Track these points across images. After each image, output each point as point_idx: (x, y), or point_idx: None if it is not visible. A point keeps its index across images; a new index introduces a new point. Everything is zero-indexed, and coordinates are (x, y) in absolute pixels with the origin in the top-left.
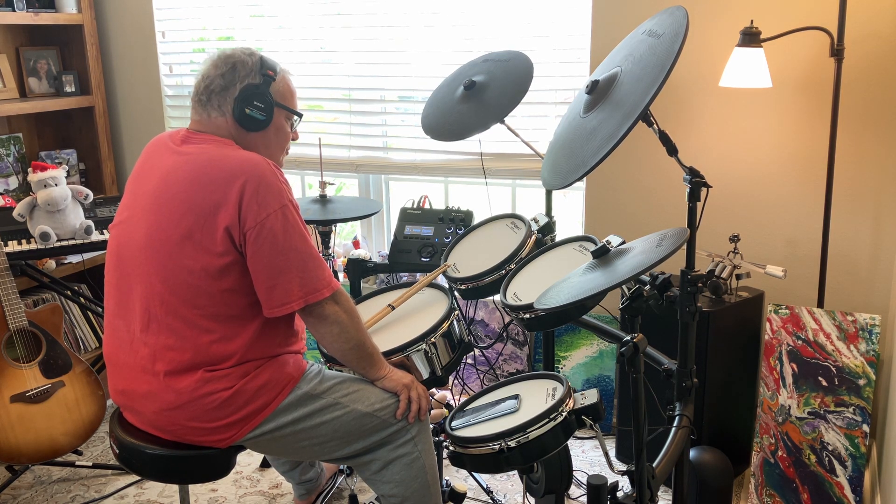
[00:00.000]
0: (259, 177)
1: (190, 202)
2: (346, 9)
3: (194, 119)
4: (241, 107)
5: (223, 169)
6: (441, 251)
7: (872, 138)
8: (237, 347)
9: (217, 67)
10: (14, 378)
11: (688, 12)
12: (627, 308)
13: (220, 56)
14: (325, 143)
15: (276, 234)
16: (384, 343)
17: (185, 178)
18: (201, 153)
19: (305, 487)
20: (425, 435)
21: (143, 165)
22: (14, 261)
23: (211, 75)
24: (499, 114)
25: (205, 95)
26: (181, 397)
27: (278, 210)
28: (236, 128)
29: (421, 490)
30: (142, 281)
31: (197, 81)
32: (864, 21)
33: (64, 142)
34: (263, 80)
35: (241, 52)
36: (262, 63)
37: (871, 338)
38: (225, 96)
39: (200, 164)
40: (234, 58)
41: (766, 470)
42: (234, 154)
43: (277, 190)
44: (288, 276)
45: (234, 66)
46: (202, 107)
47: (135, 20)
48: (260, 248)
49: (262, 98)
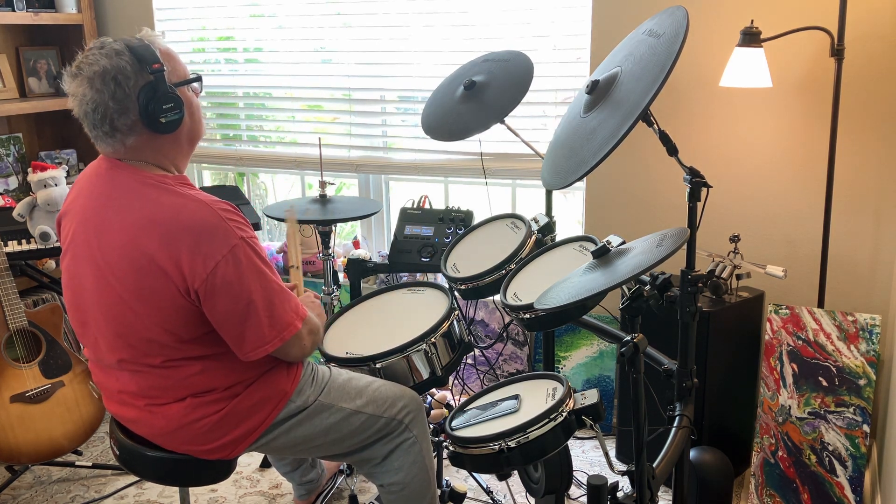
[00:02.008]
0: (197, 229)
1: (134, 264)
2: (346, 9)
3: (108, 152)
4: (152, 119)
5: (160, 225)
6: (441, 251)
7: (872, 138)
8: (222, 376)
9: (98, 90)
10: (14, 378)
11: (688, 12)
12: (627, 308)
13: (92, 75)
14: (325, 143)
15: (231, 282)
16: (384, 343)
17: (124, 239)
18: (134, 209)
19: (306, 488)
20: (420, 420)
21: (80, 201)
22: (14, 261)
23: (96, 100)
24: (499, 114)
25: (106, 125)
26: (171, 423)
27: (227, 255)
28: (156, 138)
29: (420, 474)
30: (105, 338)
31: (83, 109)
32: (865, 21)
33: (64, 142)
34: (155, 76)
35: (112, 58)
36: (137, 58)
37: (871, 338)
38: (127, 116)
39: (138, 224)
40: (110, 70)
41: (766, 470)
42: (169, 203)
43: (223, 232)
44: (255, 319)
45: (116, 80)
46: (111, 137)
47: (135, 20)
48: (216, 301)
49: (167, 96)
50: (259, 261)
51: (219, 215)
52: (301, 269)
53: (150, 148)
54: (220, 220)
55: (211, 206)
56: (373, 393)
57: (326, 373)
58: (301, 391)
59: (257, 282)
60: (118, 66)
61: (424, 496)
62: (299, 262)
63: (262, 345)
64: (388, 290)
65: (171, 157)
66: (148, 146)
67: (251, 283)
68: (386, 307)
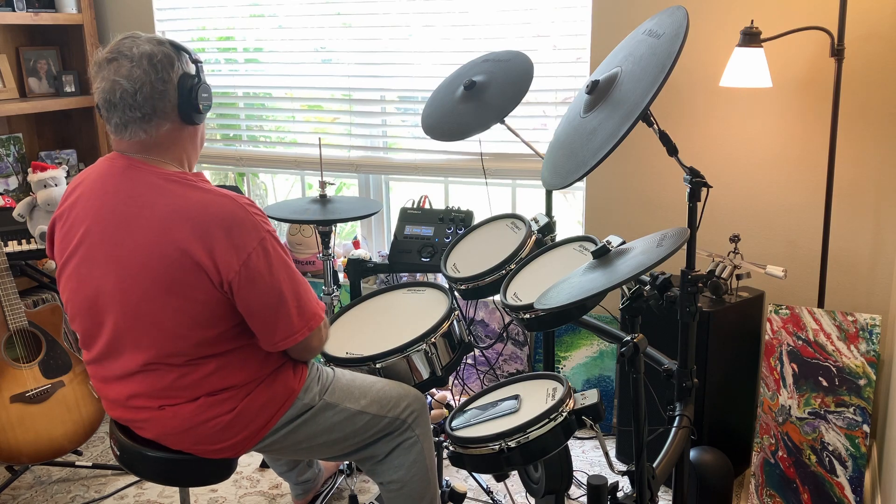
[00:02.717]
0: (228, 222)
1: (164, 259)
2: (346, 9)
3: (139, 138)
4: (190, 106)
5: (191, 218)
6: (441, 251)
7: (872, 138)
8: (237, 373)
9: (145, 70)
10: (14, 378)
11: (688, 12)
12: (628, 308)
13: (138, 56)
14: (325, 143)
15: (262, 273)
16: (384, 343)
17: (152, 234)
18: (160, 204)
19: (303, 488)
20: (423, 419)
21: (89, 202)
22: (14, 261)
23: (141, 79)
24: (499, 114)
25: (147, 106)
26: (183, 423)
27: (257, 246)
28: (184, 130)
29: (420, 473)
30: (128, 337)
31: (118, 92)
32: (865, 21)
33: (64, 142)
34: (196, 67)
35: (155, 45)
36: (175, 48)
37: (871, 338)
38: (166, 99)
39: (168, 218)
40: (157, 54)
41: (766, 470)
42: (196, 198)
43: (251, 225)
44: (285, 309)
45: (162, 63)
46: (146, 122)
47: (135, 20)
48: (249, 292)
49: (205, 86)
50: (283, 253)
51: (245, 209)
52: None
53: (175, 141)
54: (247, 213)
55: (236, 200)
56: (377, 393)
57: (330, 373)
58: (308, 389)
59: (285, 272)
60: (162, 52)
61: (424, 495)
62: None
63: (292, 334)
64: (388, 290)
65: (189, 154)
66: (174, 138)
67: (280, 274)
68: (386, 307)
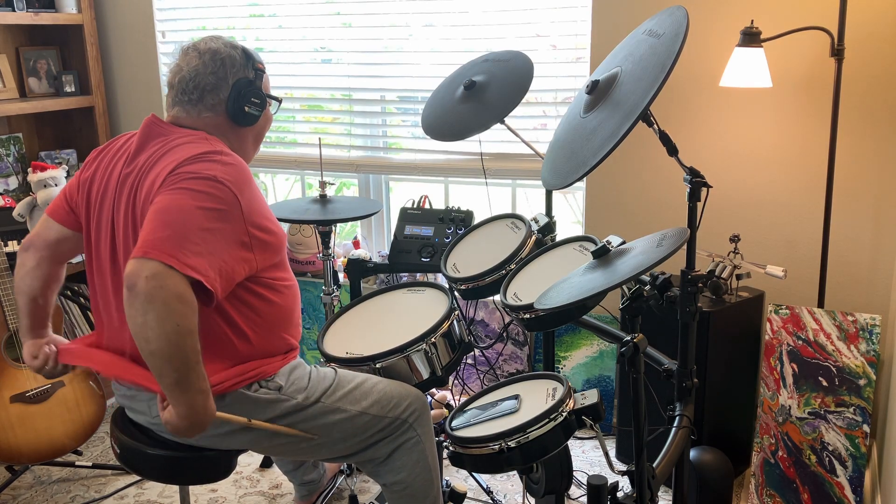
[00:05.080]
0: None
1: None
2: (346, 9)
3: (176, 115)
4: (237, 104)
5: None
6: (441, 251)
7: (872, 138)
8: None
9: (205, 64)
10: (14, 378)
11: (688, 12)
12: (627, 308)
13: (205, 50)
14: (325, 143)
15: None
16: (384, 343)
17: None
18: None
19: (307, 488)
20: (424, 419)
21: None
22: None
23: (199, 70)
24: (499, 114)
25: (195, 94)
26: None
27: (190, 178)
28: (229, 125)
29: (423, 474)
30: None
31: (178, 77)
32: (865, 21)
33: (64, 142)
34: (255, 74)
35: (226, 46)
36: (247, 56)
37: (871, 338)
38: (217, 94)
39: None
40: (222, 53)
41: (766, 470)
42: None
43: (205, 168)
44: (148, 226)
45: (223, 62)
46: (192, 105)
47: (135, 20)
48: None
49: (258, 94)
50: (213, 208)
51: (218, 166)
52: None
53: (218, 129)
54: (213, 164)
55: (222, 160)
56: (378, 394)
57: (331, 374)
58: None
59: (189, 209)
60: (230, 53)
61: (427, 495)
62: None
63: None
64: (388, 290)
65: (232, 144)
66: (217, 127)
67: (179, 202)
68: (386, 307)
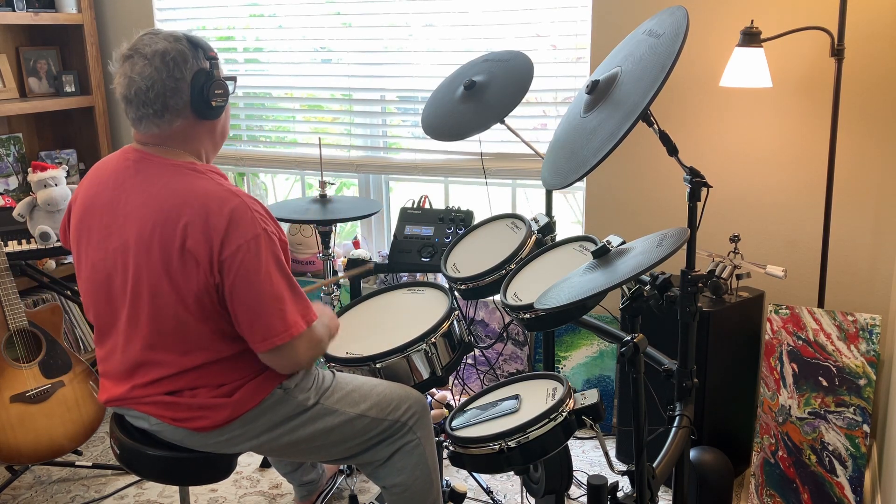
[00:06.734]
0: (227, 213)
1: (164, 245)
2: (346, 9)
3: (152, 133)
4: (202, 101)
5: (193, 205)
6: (441, 251)
7: (872, 138)
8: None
9: (157, 68)
10: (14, 378)
11: (688, 12)
12: (627, 308)
13: (151, 54)
14: (325, 143)
15: (249, 269)
16: (384, 343)
17: (157, 215)
18: (163, 190)
19: (307, 489)
20: (424, 421)
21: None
22: (14, 261)
23: (152, 77)
24: (499, 114)
25: (157, 103)
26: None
27: (251, 240)
28: (199, 124)
29: (423, 476)
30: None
31: (133, 89)
32: (865, 21)
33: (64, 142)
34: (211, 63)
35: (170, 42)
36: (193, 45)
37: (871, 338)
38: (179, 96)
39: (170, 203)
40: (170, 52)
41: (766, 470)
42: (202, 187)
43: (249, 221)
44: (268, 309)
45: (175, 61)
46: (158, 117)
47: (135, 20)
48: (235, 285)
49: (219, 82)
50: (279, 255)
51: (246, 204)
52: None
53: (191, 135)
54: (246, 208)
55: (239, 195)
56: (377, 396)
57: (329, 377)
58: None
59: (276, 274)
60: (177, 49)
61: (427, 497)
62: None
63: (271, 336)
64: (388, 290)
65: (206, 147)
66: (189, 132)
67: (268, 274)
68: (386, 307)
